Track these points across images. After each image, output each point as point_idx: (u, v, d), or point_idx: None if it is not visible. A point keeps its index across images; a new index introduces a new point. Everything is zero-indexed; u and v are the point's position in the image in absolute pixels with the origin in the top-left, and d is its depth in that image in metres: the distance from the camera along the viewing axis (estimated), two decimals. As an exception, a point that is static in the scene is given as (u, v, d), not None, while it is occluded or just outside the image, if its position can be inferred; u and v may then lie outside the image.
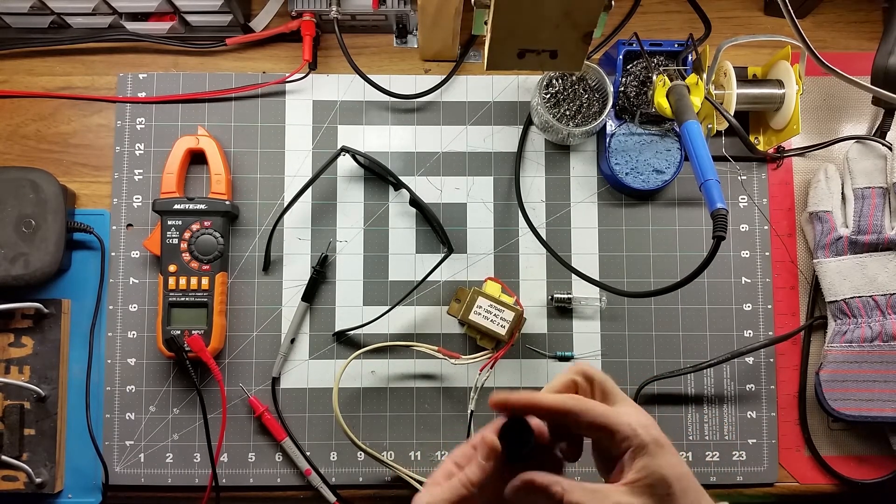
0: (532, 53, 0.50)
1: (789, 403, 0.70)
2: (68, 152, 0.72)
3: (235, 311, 0.70)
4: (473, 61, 0.75)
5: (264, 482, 0.69)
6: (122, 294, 0.70)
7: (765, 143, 0.72)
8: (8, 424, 0.67)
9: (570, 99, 0.69)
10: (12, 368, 0.68)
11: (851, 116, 0.74)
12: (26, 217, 0.66)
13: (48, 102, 0.73)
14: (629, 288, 0.71)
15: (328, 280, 0.71)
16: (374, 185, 0.72)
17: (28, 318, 0.68)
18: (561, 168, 0.73)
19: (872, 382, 0.65)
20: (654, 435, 0.38)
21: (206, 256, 0.67)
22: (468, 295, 0.66)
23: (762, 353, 0.71)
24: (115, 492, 0.69)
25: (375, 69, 0.74)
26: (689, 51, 0.67)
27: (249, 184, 0.72)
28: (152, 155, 0.72)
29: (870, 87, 0.62)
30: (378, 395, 0.70)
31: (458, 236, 0.72)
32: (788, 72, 0.66)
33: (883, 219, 0.66)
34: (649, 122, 0.69)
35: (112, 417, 0.69)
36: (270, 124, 0.73)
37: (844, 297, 0.67)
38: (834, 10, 0.76)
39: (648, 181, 0.69)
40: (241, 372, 0.70)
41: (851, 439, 0.70)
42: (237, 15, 0.71)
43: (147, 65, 0.74)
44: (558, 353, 0.70)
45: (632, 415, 0.39)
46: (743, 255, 0.72)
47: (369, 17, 0.71)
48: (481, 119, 0.73)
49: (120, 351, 0.70)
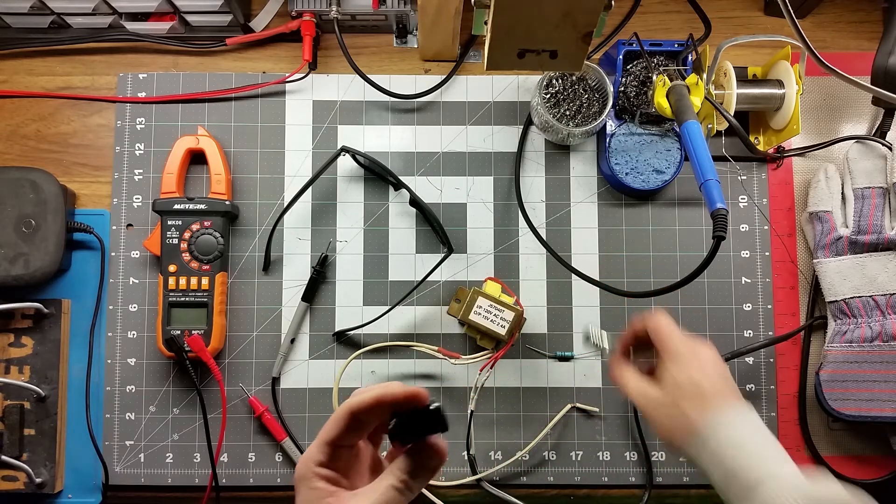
0: (532, 53, 0.50)
1: (789, 403, 0.70)
2: (68, 152, 0.72)
3: (235, 311, 0.70)
4: (473, 61, 0.75)
5: (264, 482, 0.69)
6: (122, 294, 0.70)
7: (765, 143, 0.72)
8: (8, 424, 0.67)
9: (570, 99, 0.69)
10: (12, 368, 0.68)
11: (851, 116, 0.74)
12: (26, 217, 0.66)
13: (48, 102, 0.73)
14: (629, 288, 0.71)
15: (328, 280, 0.71)
16: (374, 185, 0.72)
17: (28, 318, 0.68)
18: (561, 168, 0.73)
19: (872, 382, 0.65)
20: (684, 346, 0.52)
21: (206, 256, 0.67)
22: (468, 295, 0.66)
23: (762, 353, 0.71)
24: (115, 492, 0.69)
25: (375, 69, 0.74)
26: (689, 51, 0.67)
27: (249, 184, 0.72)
28: (152, 155, 0.72)
29: (870, 87, 0.62)
30: (378, 395, 0.70)
31: (458, 236, 0.72)
32: (788, 72, 0.66)
33: (883, 219, 0.66)
34: (649, 122, 0.69)
35: (112, 417, 0.69)
36: (270, 124, 0.73)
37: (844, 297, 0.67)
38: (834, 10, 0.76)
39: (648, 181, 0.69)
40: (241, 372, 0.70)
41: (851, 439, 0.70)
42: (237, 15, 0.71)
43: (147, 65, 0.74)
44: (558, 353, 0.70)
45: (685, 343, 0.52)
46: (743, 255, 0.72)
47: (369, 17, 0.71)
48: (481, 119, 0.73)
49: (120, 351, 0.70)
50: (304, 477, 0.38)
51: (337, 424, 0.38)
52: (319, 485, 0.38)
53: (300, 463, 0.39)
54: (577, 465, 0.70)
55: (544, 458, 0.70)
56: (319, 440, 0.39)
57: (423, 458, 0.38)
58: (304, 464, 0.39)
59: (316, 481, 0.38)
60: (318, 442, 0.39)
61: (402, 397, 0.38)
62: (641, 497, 0.69)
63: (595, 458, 0.70)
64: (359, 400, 0.38)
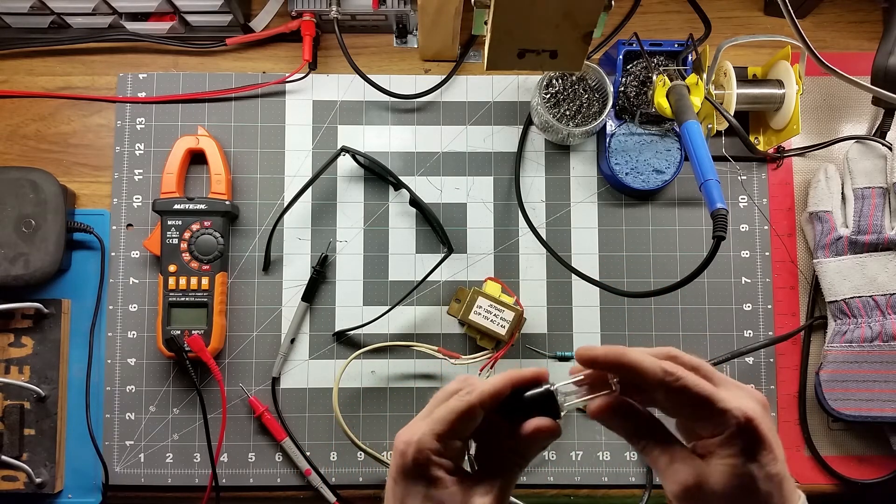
0: (532, 53, 0.50)
1: (789, 403, 0.70)
2: (68, 152, 0.72)
3: (235, 311, 0.70)
4: (473, 61, 0.75)
5: (264, 482, 0.69)
6: (122, 294, 0.70)
7: (765, 143, 0.72)
8: (8, 424, 0.67)
9: (570, 99, 0.69)
10: (12, 368, 0.68)
11: (851, 116, 0.74)
12: (26, 217, 0.66)
13: (48, 102, 0.73)
14: (629, 288, 0.71)
15: (328, 280, 0.71)
16: (374, 185, 0.72)
17: (28, 318, 0.68)
18: (561, 168, 0.73)
19: (872, 382, 0.65)
20: (756, 430, 0.33)
21: (206, 256, 0.67)
22: (468, 295, 0.66)
23: (762, 353, 0.71)
24: (115, 492, 0.69)
25: (375, 69, 0.74)
26: (689, 51, 0.67)
27: (249, 184, 0.72)
28: (152, 155, 0.72)
29: (870, 87, 0.62)
30: (378, 395, 0.70)
31: (458, 236, 0.72)
32: (788, 72, 0.66)
33: (883, 219, 0.66)
34: (649, 122, 0.69)
35: (112, 417, 0.69)
36: (270, 124, 0.73)
37: (844, 297, 0.67)
38: (834, 10, 0.76)
39: (648, 181, 0.69)
40: (241, 372, 0.70)
41: (851, 439, 0.70)
42: (237, 15, 0.71)
43: (147, 65, 0.74)
44: (558, 353, 0.70)
45: (735, 397, 0.34)
46: (743, 255, 0.72)
47: (369, 17, 0.71)
48: (481, 119, 0.73)
49: (120, 351, 0.70)
50: (422, 464, 0.35)
51: (458, 416, 0.36)
52: (440, 474, 0.35)
53: (415, 447, 0.35)
54: (577, 465, 0.70)
55: (544, 458, 0.70)
56: (434, 431, 0.36)
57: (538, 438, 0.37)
58: (421, 451, 0.35)
59: (436, 471, 0.35)
60: (433, 432, 0.36)
61: (528, 379, 0.37)
62: (641, 497, 0.69)
63: (595, 458, 0.70)
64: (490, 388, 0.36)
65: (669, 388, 0.34)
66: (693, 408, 0.34)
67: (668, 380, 0.34)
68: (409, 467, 0.35)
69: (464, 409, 0.36)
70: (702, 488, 0.34)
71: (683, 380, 0.34)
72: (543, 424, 0.37)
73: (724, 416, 0.33)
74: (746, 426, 0.33)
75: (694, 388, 0.34)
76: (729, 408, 0.33)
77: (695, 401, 0.34)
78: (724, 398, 0.34)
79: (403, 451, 0.36)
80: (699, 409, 0.34)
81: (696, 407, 0.34)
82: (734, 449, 0.33)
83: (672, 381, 0.34)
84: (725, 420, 0.33)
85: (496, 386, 0.36)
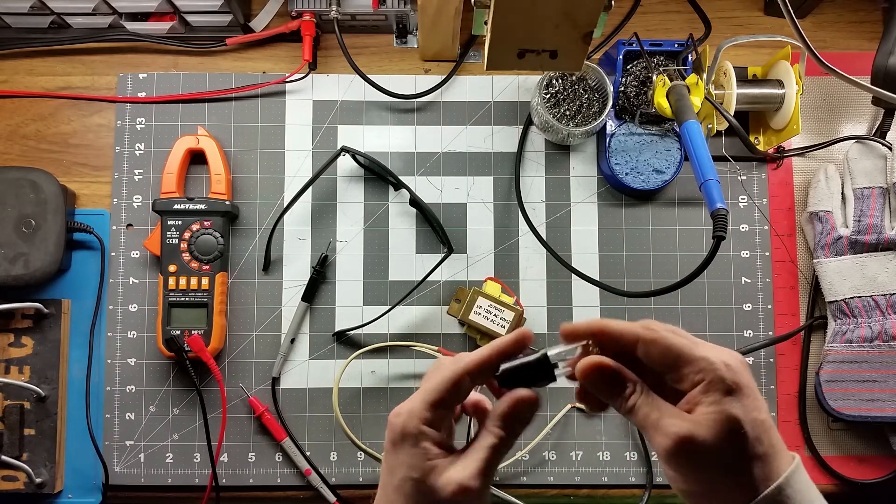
0: (532, 53, 0.50)
1: (789, 403, 0.70)
2: (68, 152, 0.72)
3: (235, 311, 0.70)
4: (473, 61, 0.75)
5: (264, 482, 0.69)
6: (122, 294, 0.70)
7: (765, 143, 0.72)
8: (8, 424, 0.67)
9: (570, 99, 0.69)
10: (12, 368, 0.68)
11: (851, 116, 0.74)
12: (26, 217, 0.66)
13: (48, 102, 0.73)
14: (629, 288, 0.71)
15: (328, 280, 0.71)
16: (374, 185, 0.72)
17: (28, 318, 0.68)
18: (561, 168, 0.73)
19: (872, 382, 0.65)
20: (735, 374, 0.35)
21: (206, 256, 0.67)
22: (468, 295, 0.66)
23: (762, 353, 0.71)
24: (115, 492, 0.69)
25: (375, 69, 0.74)
26: (689, 51, 0.67)
27: (249, 184, 0.72)
28: (152, 155, 0.72)
29: (870, 87, 0.62)
30: (378, 395, 0.70)
31: (458, 236, 0.72)
32: (788, 72, 0.66)
33: (883, 219, 0.66)
34: (649, 122, 0.69)
35: (112, 417, 0.69)
36: (270, 124, 0.73)
37: (844, 297, 0.67)
38: (834, 10, 0.76)
39: (648, 181, 0.69)
40: (241, 372, 0.70)
41: (851, 439, 0.70)
42: (237, 15, 0.71)
43: (147, 65, 0.74)
44: (558, 353, 0.70)
45: (711, 349, 0.36)
46: (743, 255, 0.72)
47: (369, 17, 0.71)
48: (481, 119, 0.73)
49: (120, 351, 0.70)
50: (411, 433, 0.36)
51: (446, 385, 0.37)
52: (426, 444, 0.37)
53: (405, 416, 0.37)
54: (577, 465, 0.70)
55: (544, 458, 0.70)
56: (424, 400, 0.37)
57: (516, 411, 0.38)
58: (411, 419, 0.37)
59: (423, 440, 0.37)
60: (423, 401, 0.37)
61: (511, 346, 0.38)
62: (641, 497, 0.69)
63: (595, 458, 0.70)
64: (477, 357, 0.38)
65: (648, 344, 0.36)
66: (674, 360, 0.36)
67: (647, 335, 0.36)
68: (398, 436, 0.37)
69: (451, 377, 0.38)
70: (693, 440, 0.34)
71: (661, 333, 0.36)
72: (520, 394, 0.39)
73: (703, 364, 0.35)
74: (726, 371, 0.35)
75: (672, 341, 0.36)
76: (706, 355, 0.35)
77: (674, 353, 0.36)
78: (702, 349, 0.36)
79: (394, 421, 0.38)
80: (679, 361, 0.36)
81: (676, 359, 0.36)
82: (716, 395, 0.35)
83: (650, 335, 0.36)
84: (704, 368, 0.35)
85: (482, 355, 0.39)
